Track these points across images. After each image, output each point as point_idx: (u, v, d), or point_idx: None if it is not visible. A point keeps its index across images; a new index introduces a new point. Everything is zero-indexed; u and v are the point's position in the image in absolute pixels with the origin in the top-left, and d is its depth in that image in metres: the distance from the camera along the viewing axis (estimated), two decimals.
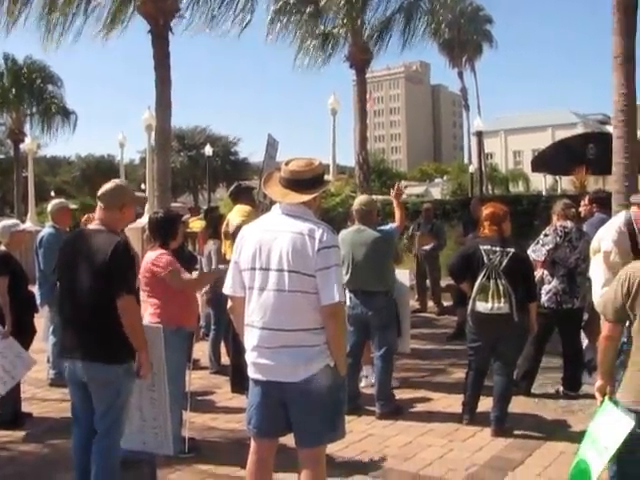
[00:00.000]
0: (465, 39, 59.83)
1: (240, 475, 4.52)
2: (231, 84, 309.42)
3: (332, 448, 4.52)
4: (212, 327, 8.46)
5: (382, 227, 6.93)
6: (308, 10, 17.17)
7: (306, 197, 3.75)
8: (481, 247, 6.05)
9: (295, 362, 3.61)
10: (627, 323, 3.53)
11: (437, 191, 66.53)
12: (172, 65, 12.14)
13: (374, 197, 8.49)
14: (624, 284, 3.42)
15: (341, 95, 24.02)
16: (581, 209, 7.98)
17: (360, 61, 17.39)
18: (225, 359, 8.13)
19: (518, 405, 6.49)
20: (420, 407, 6.82)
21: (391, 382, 6.84)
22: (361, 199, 7.05)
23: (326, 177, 4.06)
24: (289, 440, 3.85)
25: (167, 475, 5.04)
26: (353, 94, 17.59)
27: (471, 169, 47.21)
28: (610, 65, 8.17)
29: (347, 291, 6.72)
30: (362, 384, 7.19)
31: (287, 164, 3.86)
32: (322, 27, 18.11)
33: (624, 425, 3.25)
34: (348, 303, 6.67)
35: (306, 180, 3.77)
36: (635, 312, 3.39)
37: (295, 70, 18.56)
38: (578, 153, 21.13)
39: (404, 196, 9.94)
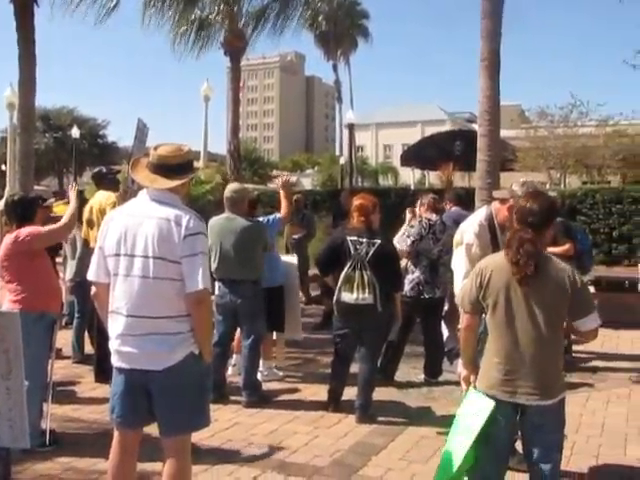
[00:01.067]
0: (341, 32, 60.56)
1: (103, 467, 4.41)
2: (102, 66, 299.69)
3: (198, 437, 4.49)
4: (76, 315, 8.21)
5: (268, 217, 6.99)
6: None
7: (174, 183, 3.70)
8: (348, 238, 6.15)
9: (159, 350, 3.56)
10: (484, 314, 3.70)
11: (308, 182, 67.04)
12: (38, 41, 11.57)
13: (246, 186, 8.48)
14: (477, 277, 3.60)
15: (215, 83, 23.78)
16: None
17: (235, 48, 17.27)
18: (89, 348, 7.91)
19: (382, 392, 6.66)
20: (286, 395, 6.88)
21: (258, 371, 6.89)
22: (232, 187, 7.00)
23: (195, 164, 4.02)
24: (154, 429, 3.79)
25: (25, 470, 4.84)
26: (227, 82, 17.37)
27: (342, 161, 47.80)
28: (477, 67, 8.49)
29: (216, 280, 6.71)
30: (229, 372, 7.18)
31: (156, 149, 3.81)
32: (198, 12, 17.82)
33: (485, 406, 3.41)
34: (217, 292, 6.65)
35: (174, 166, 3.72)
36: (488, 303, 3.56)
37: (170, 55, 18.18)
38: (446, 149, 21.78)
39: (273, 186, 9.97)
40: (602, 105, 33.68)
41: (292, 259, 8.45)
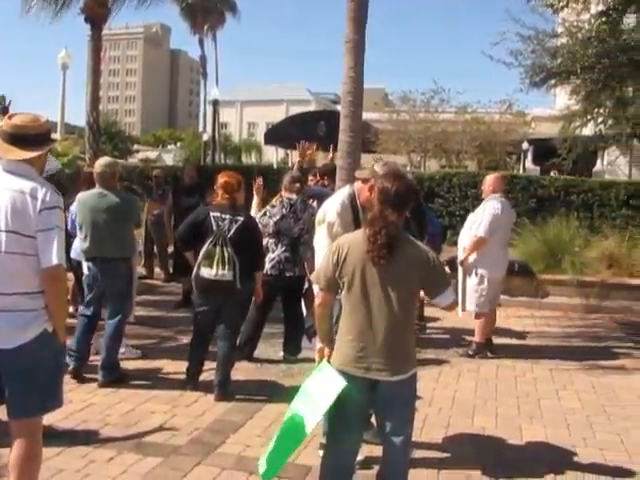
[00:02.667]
0: (208, 6, 59.45)
1: None
2: None
3: (51, 418, 4.37)
4: None
5: None
6: None
7: (30, 154, 3.55)
8: (211, 214, 6.13)
9: (11, 327, 3.42)
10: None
11: (170, 157, 66.04)
12: None
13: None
14: (335, 254, 3.65)
15: (75, 51, 22.77)
16: (310, 183, 8.37)
17: (96, 15, 16.54)
18: None
19: (241, 370, 6.70)
20: (144, 374, 6.77)
21: (119, 351, 6.74)
22: (103, 161, 6.74)
23: (53, 135, 3.88)
24: (1, 412, 3.65)
25: None
26: (87, 50, 16.63)
27: (205, 137, 47.31)
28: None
29: (84, 260, 6.54)
30: None
31: (10, 118, 3.64)
32: None
33: (336, 385, 3.50)
34: (86, 272, 6.48)
35: (31, 136, 3.57)
36: (344, 280, 3.62)
37: (24, 17, 17.20)
38: (310, 129, 21.97)
39: (135, 160, 9.76)
40: (462, 93, 35.25)
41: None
